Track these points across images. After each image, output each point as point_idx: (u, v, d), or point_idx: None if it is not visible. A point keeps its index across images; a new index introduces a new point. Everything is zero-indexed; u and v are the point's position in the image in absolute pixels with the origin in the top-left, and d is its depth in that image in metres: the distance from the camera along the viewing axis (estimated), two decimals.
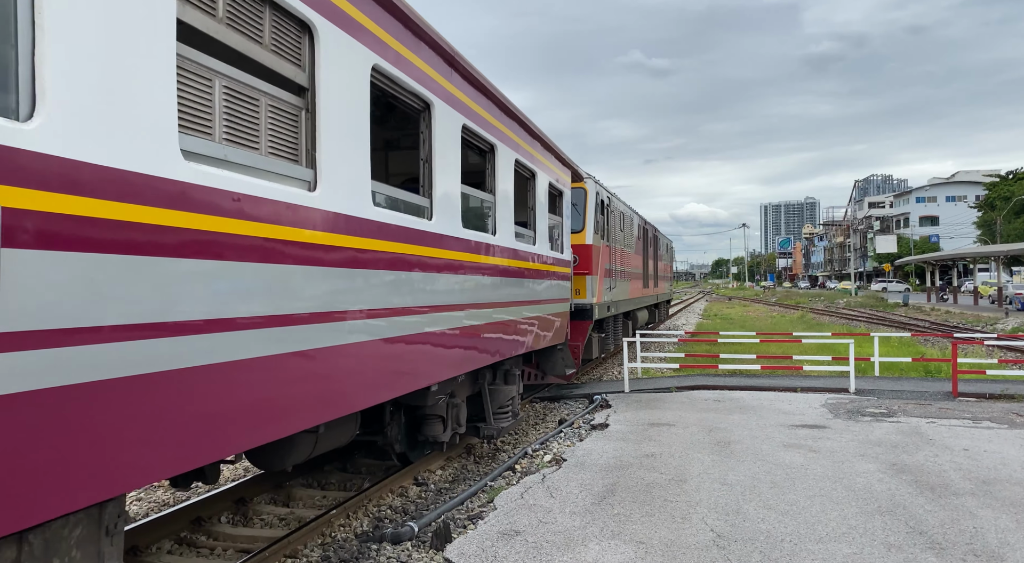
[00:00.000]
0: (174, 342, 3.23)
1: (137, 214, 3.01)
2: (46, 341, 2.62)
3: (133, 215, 2.98)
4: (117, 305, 2.92)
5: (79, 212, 2.74)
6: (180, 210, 3.24)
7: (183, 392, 3.29)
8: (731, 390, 12.80)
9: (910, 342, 20.17)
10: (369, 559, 5.48)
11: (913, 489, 6.63)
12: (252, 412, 3.80)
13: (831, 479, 7.00)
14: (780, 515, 5.97)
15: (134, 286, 2.99)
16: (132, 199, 2.99)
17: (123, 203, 2.95)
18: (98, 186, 2.82)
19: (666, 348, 20.19)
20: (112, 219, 2.88)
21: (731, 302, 67.07)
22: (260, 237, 3.82)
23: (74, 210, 2.72)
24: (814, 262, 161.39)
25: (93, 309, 2.79)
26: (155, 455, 3.15)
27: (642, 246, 20.67)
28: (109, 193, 2.88)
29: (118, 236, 2.91)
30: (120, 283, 2.91)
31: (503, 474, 7.74)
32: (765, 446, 8.41)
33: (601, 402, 11.77)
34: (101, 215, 2.83)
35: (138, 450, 3.05)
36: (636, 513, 6.06)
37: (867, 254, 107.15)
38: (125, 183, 2.97)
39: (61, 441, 2.70)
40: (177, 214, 3.23)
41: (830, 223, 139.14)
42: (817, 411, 10.70)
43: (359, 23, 4.92)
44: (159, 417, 3.16)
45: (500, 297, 7.96)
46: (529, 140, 9.33)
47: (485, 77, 7.44)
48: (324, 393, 4.51)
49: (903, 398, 11.77)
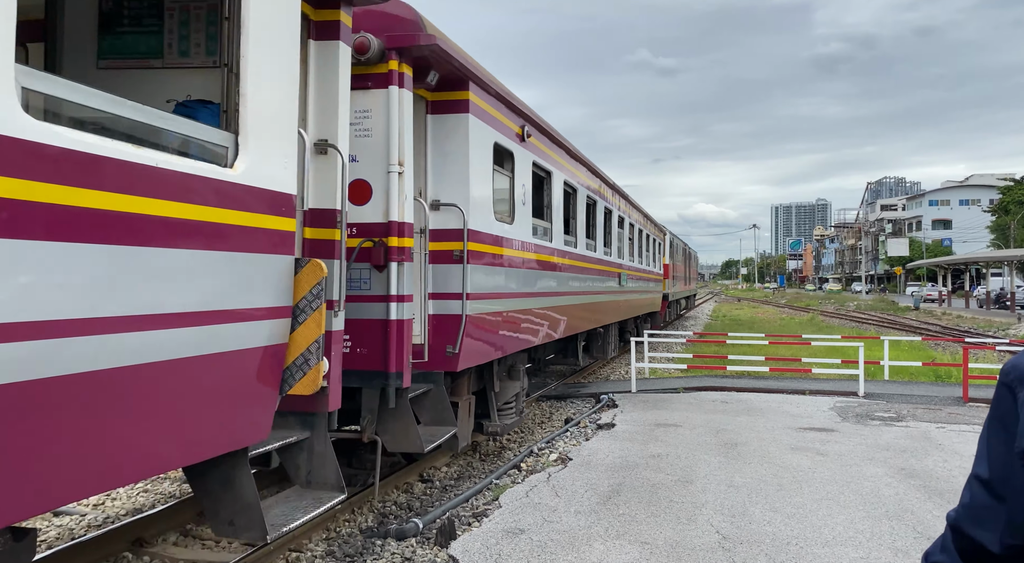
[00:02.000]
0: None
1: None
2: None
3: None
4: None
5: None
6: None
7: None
8: (739, 391, 12.75)
9: (921, 346, 20.04)
10: (373, 555, 5.48)
11: (922, 494, 6.58)
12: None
13: (839, 483, 6.96)
14: (786, 518, 5.93)
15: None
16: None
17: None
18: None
19: (674, 348, 20.12)
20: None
21: (740, 303, 66.82)
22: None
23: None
24: (825, 264, 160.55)
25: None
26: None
27: (684, 260, 33.60)
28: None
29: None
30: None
31: (508, 472, 7.73)
32: (772, 448, 8.37)
33: (608, 402, 11.74)
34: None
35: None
36: (641, 513, 6.04)
37: (879, 257, 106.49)
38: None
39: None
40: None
41: (841, 225, 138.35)
42: (825, 414, 10.64)
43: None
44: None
45: (637, 288, 17.77)
46: (644, 221, 19.97)
47: (627, 194, 16.79)
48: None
49: (913, 402, 11.68)
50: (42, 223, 2.66)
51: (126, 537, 5.46)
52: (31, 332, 2.63)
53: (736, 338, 16.78)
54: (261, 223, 3.88)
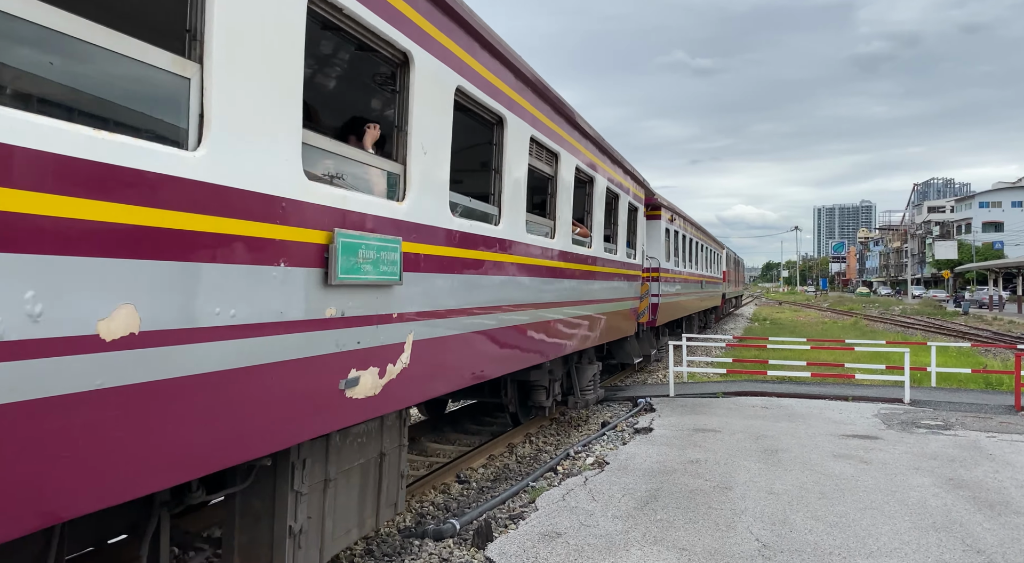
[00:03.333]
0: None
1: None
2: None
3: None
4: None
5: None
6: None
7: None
8: (779, 397, 12.54)
9: (970, 352, 19.45)
10: (411, 554, 5.54)
11: (971, 505, 6.40)
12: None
13: (883, 492, 6.80)
14: (828, 527, 5.82)
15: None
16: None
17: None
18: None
19: (713, 352, 19.88)
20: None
21: (781, 307, 65.70)
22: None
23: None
24: (869, 267, 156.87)
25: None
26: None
27: (735, 267, 42.43)
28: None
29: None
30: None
31: (545, 475, 7.73)
32: (814, 455, 8.22)
33: (645, 405, 11.66)
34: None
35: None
36: (679, 520, 5.99)
37: (925, 260, 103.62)
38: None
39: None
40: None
41: (887, 227, 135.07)
42: (869, 421, 10.40)
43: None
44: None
45: (709, 291, 26.02)
46: (712, 243, 27.79)
47: (684, 213, 22.46)
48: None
49: (961, 410, 11.35)
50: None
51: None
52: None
53: (777, 342, 16.49)
54: (640, 274, 13.71)
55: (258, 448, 3.49)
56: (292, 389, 3.68)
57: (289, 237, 3.64)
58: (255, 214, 3.40)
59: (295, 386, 3.70)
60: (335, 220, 3.97)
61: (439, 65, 5.22)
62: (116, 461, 2.74)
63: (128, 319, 2.73)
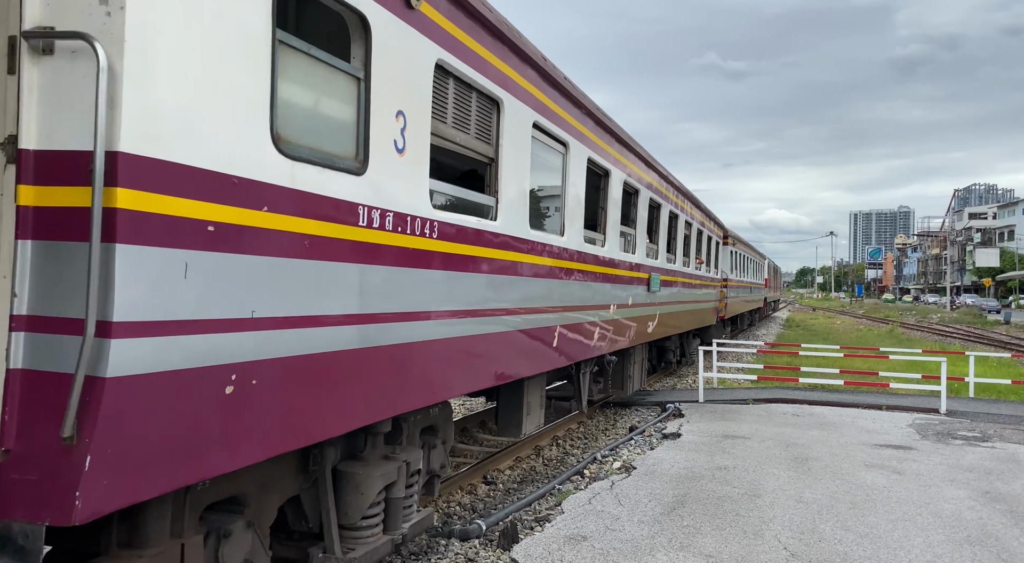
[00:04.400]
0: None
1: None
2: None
3: None
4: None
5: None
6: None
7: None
8: (811, 405, 12.37)
9: (1010, 363, 18.98)
10: (438, 554, 5.59)
11: (1007, 520, 6.25)
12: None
13: (916, 503, 6.68)
14: (859, 537, 5.74)
15: None
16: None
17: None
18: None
19: (744, 359, 19.67)
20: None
21: (815, 313, 64.67)
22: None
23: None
24: (906, 274, 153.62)
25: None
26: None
27: (773, 275, 47.09)
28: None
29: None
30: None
31: (571, 478, 7.74)
32: (845, 464, 8.10)
33: (674, 411, 11.59)
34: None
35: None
36: (706, 526, 5.96)
37: (965, 267, 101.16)
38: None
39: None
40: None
41: (925, 234, 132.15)
42: (903, 431, 10.21)
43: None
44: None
45: (755, 295, 32.81)
46: (757, 256, 33.17)
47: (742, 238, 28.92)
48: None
49: (1000, 422, 11.09)
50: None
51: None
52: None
53: (809, 349, 16.27)
54: (719, 283, 20.69)
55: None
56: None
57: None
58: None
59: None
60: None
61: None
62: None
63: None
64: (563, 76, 6.96)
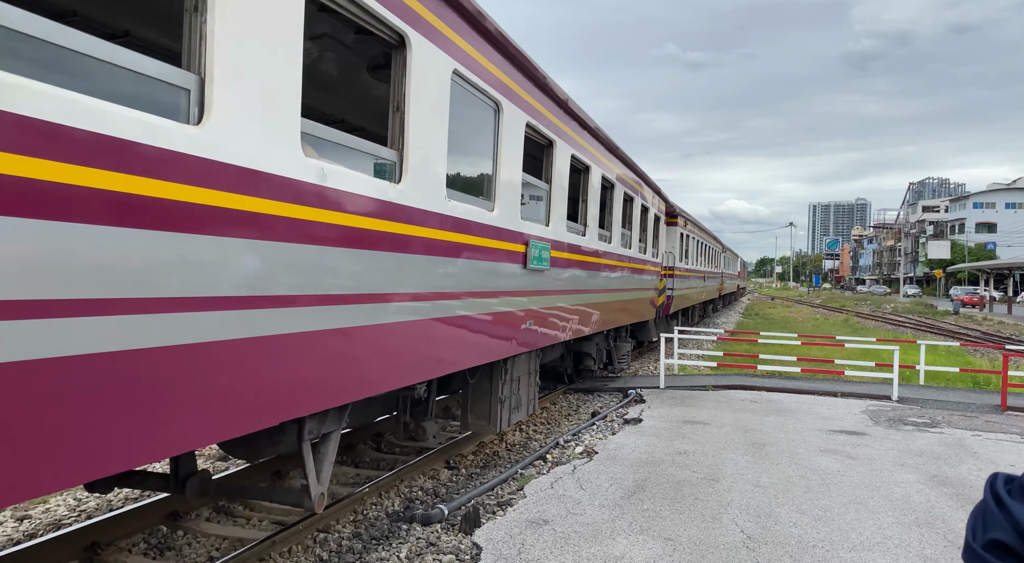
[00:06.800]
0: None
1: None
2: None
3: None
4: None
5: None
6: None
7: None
8: (769, 391, 12.62)
9: (959, 352, 19.59)
10: (399, 538, 5.57)
11: (954, 502, 6.47)
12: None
13: (868, 487, 6.87)
14: (813, 520, 5.88)
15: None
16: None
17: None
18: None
19: (704, 346, 19.97)
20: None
21: (773, 302, 65.92)
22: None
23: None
24: (862, 265, 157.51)
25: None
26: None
27: (741, 266, 63.80)
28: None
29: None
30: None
31: (534, 463, 7.77)
32: (801, 450, 8.29)
33: (635, 397, 11.71)
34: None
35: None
36: (666, 510, 6.04)
37: (918, 259, 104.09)
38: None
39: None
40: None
41: (881, 226, 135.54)
42: (857, 417, 10.49)
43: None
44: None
45: (730, 285, 44.45)
46: (730, 254, 45.13)
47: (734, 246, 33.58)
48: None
49: (948, 409, 11.46)
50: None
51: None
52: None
53: (768, 337, 16.59)
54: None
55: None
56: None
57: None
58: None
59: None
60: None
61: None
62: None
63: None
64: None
